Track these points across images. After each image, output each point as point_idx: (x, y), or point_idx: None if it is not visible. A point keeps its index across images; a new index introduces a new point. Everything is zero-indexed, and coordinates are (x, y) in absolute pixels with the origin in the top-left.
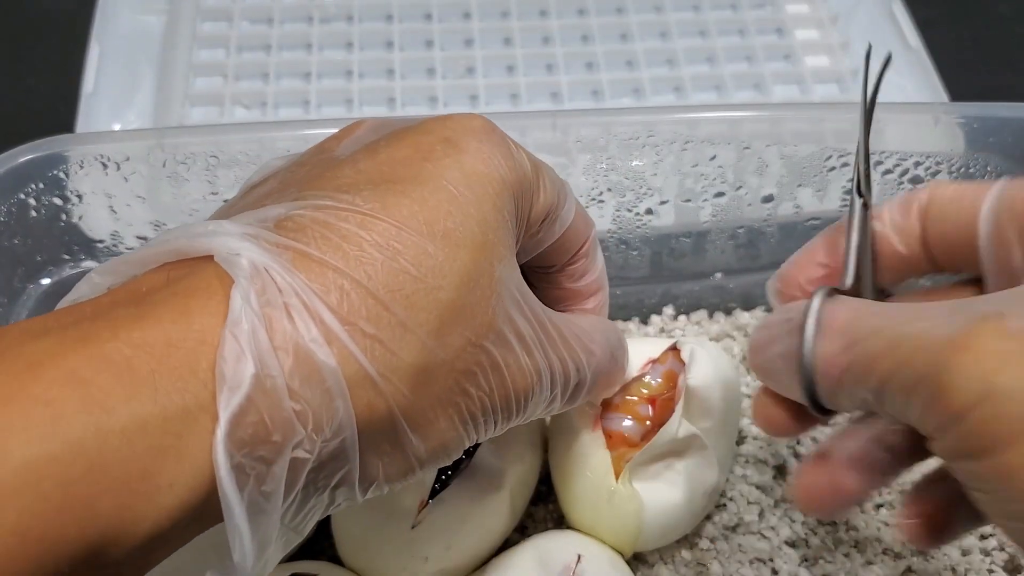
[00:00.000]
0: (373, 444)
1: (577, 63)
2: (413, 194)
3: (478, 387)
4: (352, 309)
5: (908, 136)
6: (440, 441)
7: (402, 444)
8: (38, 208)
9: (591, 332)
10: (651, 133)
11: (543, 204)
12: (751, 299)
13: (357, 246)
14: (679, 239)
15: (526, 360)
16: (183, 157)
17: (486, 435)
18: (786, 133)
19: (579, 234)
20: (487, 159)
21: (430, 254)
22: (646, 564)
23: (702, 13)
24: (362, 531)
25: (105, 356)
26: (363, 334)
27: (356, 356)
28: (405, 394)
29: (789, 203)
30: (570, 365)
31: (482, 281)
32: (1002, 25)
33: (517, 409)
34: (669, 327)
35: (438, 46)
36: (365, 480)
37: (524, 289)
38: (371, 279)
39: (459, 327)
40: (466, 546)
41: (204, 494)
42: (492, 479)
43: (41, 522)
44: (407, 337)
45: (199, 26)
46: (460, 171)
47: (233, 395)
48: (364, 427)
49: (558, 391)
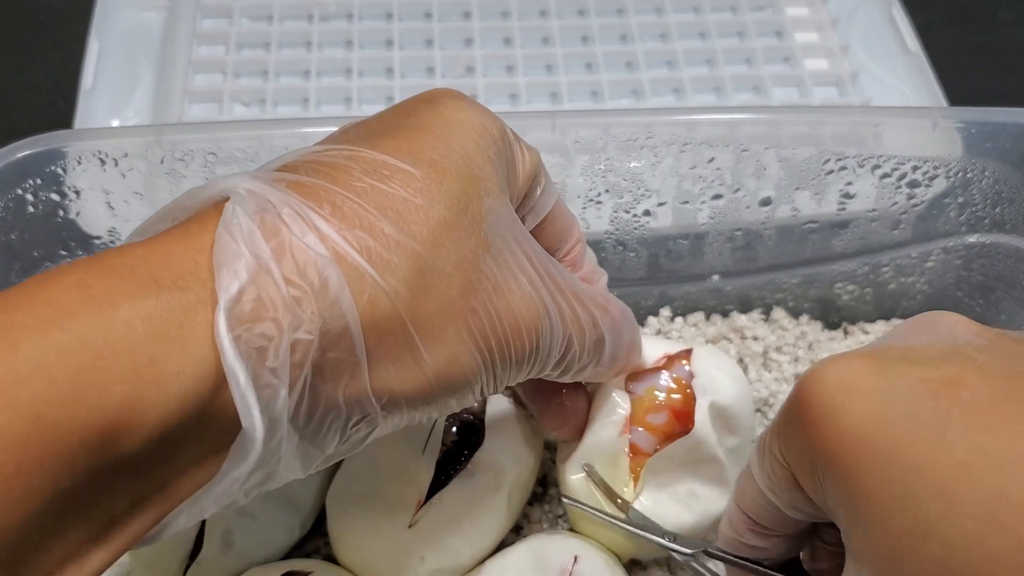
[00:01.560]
0: (381, 343)
1: (577, 64)
2: (397, 134)
3: (482, 304)
4: (345, 219)
5: (906, 140)
6: (451, 355)
7: (411, 349)
8: (36, 203)
9: (605, 295)
10: (649, 135)
11: (527, 163)
12: (748, 301)
13: (346, 172)
14: (676, 241)
15: (529, 290)
16: (181, 154)
17: (507, 373)
18: (784, 136)
19: (567, 220)
20: (466, 110)
21: (417, 178)
22: (640, 567)
23: (702, 15)
24: (358, 530)
25: (109, 266)
26: (357, 240)
27: (351, 256)
28: (404, 295)
29: (787, 206)
30: (581, 315)
31: (471, 207)
32: (1001, 30)
33: (530, 344)
34: (666, 329)
35: (438, 45)
36: (380, 388)
37: (523, 232)
38: (361, 197)
39: (453, 242)
40: (462, 546)
41: (211, 385)
42: (490, 479)
43: (53, 407)
44: (402, 245)
45: (199, 23)
46: (441, 118)
47: (232, 280)
48: (368, 321)
49: (575, 343)
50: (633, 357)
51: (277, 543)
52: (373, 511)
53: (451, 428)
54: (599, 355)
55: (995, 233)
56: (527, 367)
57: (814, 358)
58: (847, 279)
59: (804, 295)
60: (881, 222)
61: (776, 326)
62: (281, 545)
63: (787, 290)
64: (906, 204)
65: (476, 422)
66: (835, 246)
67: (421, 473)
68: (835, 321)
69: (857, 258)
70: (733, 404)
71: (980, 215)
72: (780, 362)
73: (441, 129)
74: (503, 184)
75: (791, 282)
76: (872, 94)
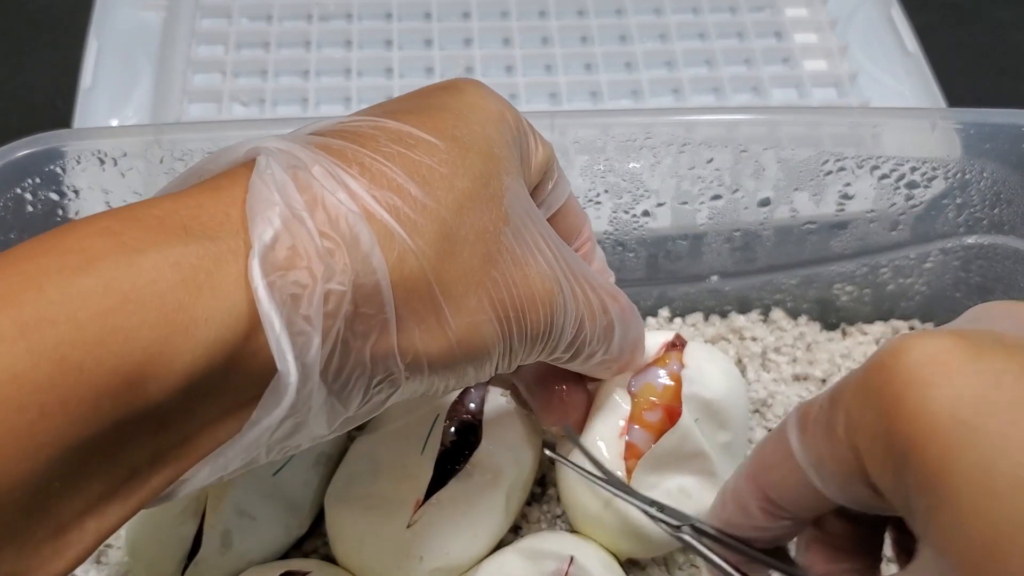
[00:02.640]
0: (408, 302)
1: (576, 64)
2: (419, 111)
3: (502, 275)
4: (374, 179)
5: (905, 141)
6: (472, 322)
7: (436, 311)
8: (34, 203)
9: (615, 287)
10: (649, 135)
11: (541, 154)
12: (747, 302)
13: (373, 139)
14: (675, 241)
15: (545, 267)
16: (180, 153)
17: (522, 347)
18: (783, 137)
19: (579, 216)
20: (485, 96)
21: (442, 149)
22: (638, 567)
23: (701, 15)
24: (357, 530)
25: (136, 216)
26: (386, 199)
27: (381, 214)
28: (431, 256)
29: (785, 207)
30: (593, 299)
31: (492, 182)
32: (1000, 31)
33: (546, 320)
34: (665, 329)
35: (437, 45)
36: (405, 348)
37: (539, 215)
38: (389, 160)
39: (476, 212)
40: (461, 546)
41: (241, 333)
42: (488, 479)
43: (78, 351)
44: (428, 208)
45: (198, 22)
46: (462, 101)
47: (266, 227)
48: (396, 279)
49: (587, 326)
50: (638, 354)
51: (276, 543)
52: (372, 511)
53: (450, 428)
54: (608, 342)
55: (993, 234)
56: (541, 343)
57: (813, 359)
58: (846, 280)
59: (803, 296)
60: (880, 223)
61: (775, 327)
62: (280, 545)
63: (786, 291)
64: (905, 205)
65: (475, 422)
66: (834, 247)
67: (420, 473)
68: (833, 322)
69: (856, 259)
70: (723, 399)
71: (978, 216)
72: (779, 363)
73: (461, 111)
74: (519, 167)
75: (790, 283)
76: (871, 95)
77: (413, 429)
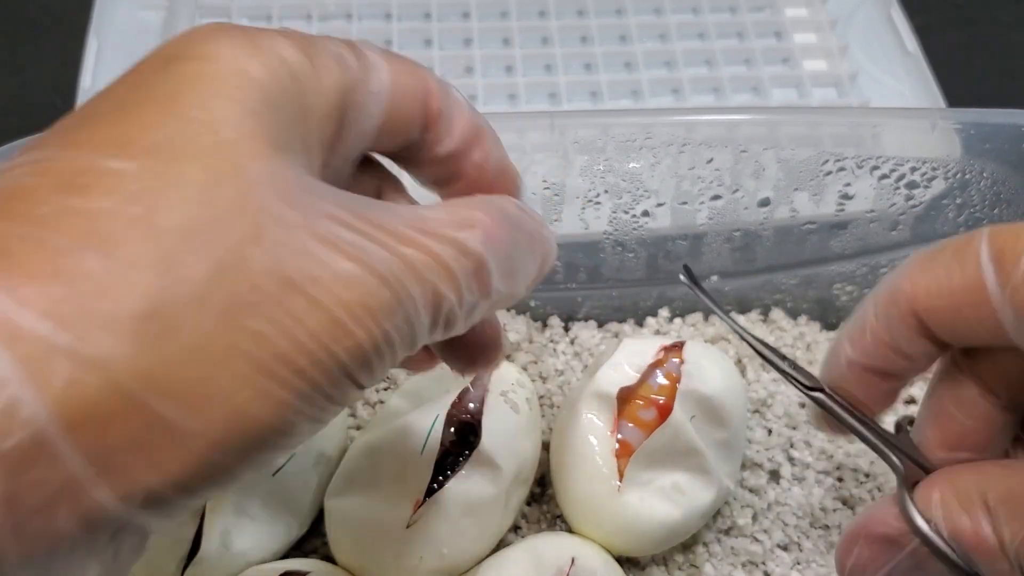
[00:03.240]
0: (108, 433)
1: (576, 64)
2: (113, 117)
3: (270, 321)
4: (18, 269)
5: (905, 141)
6: (233, 408)
7: (161, 424)
8: None
9: (470, 204)
10: (648, 135)
11: (333, 86)
12: (746, 302)
13: (27, 197)
14: (675, 241)
15: (345, 265)
16: None
17: (346, 385)
18: (783, 137)
19: (408, 92)
20: (213, 57)
21: (132, 176)
22: (638, 567)
23: (701, 16)
24: (357, 530)
25: None
26: (40, 296)
27: (30, 325)
28: (128, 355)
29: (785, 207)
30: (438, 251)
31: (224, 190)
32: (1000, 31)
33: (370, 334)
34: (664, 329)
35: (437, 45)
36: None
37: (320, 188)
38: (46, 227)
39: (200, 249)
40: (461, 546)
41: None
42: (488, 480)
43: None
44: (115, 281)
45: (197, 22)
46: (172, 79)
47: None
48: (72, 413)
49: (445, 291)
50: (544, 264)
51: (275, 543)
52: (371, 511)
53: (449, 428)
54: (485, 285)
55: None
56: (386, 359)
57: (813, 359)
58: (846, 280)
59: (802, 296)
60: (880, 223)
61: (775, 327)
62: (279, 545)
63: (785, 291)
64: (904, 205)
65: (474, 422)
66: (833, 247)
67: (419, 473)
68: (833, 322)
69: (856, 259)
70: (721, 395)
71: (978, 216)
72: None
73: (171, 95)
74: (283, 137)
75: (789, 283)
76: (871, 95)
77: (413, 429)
